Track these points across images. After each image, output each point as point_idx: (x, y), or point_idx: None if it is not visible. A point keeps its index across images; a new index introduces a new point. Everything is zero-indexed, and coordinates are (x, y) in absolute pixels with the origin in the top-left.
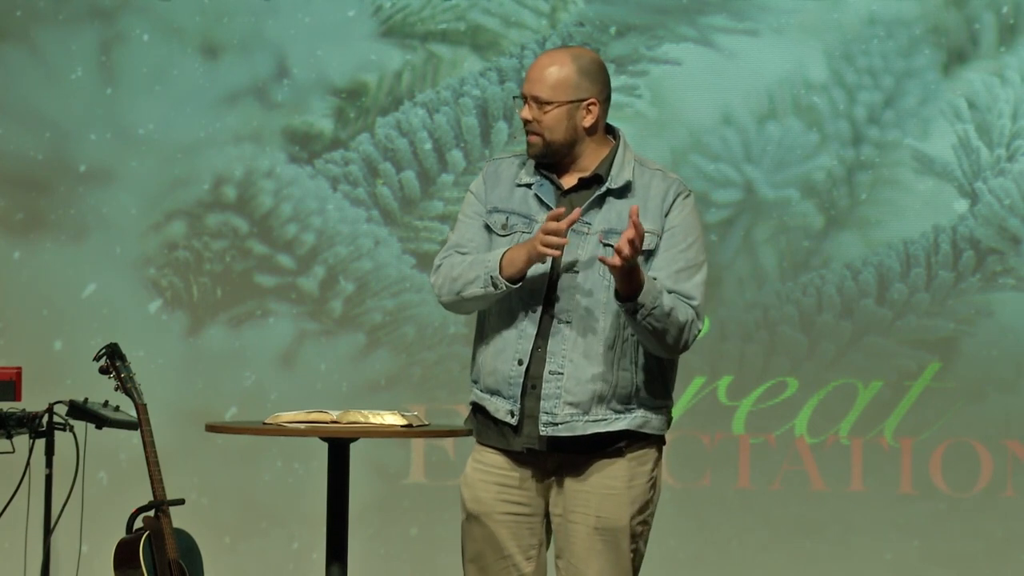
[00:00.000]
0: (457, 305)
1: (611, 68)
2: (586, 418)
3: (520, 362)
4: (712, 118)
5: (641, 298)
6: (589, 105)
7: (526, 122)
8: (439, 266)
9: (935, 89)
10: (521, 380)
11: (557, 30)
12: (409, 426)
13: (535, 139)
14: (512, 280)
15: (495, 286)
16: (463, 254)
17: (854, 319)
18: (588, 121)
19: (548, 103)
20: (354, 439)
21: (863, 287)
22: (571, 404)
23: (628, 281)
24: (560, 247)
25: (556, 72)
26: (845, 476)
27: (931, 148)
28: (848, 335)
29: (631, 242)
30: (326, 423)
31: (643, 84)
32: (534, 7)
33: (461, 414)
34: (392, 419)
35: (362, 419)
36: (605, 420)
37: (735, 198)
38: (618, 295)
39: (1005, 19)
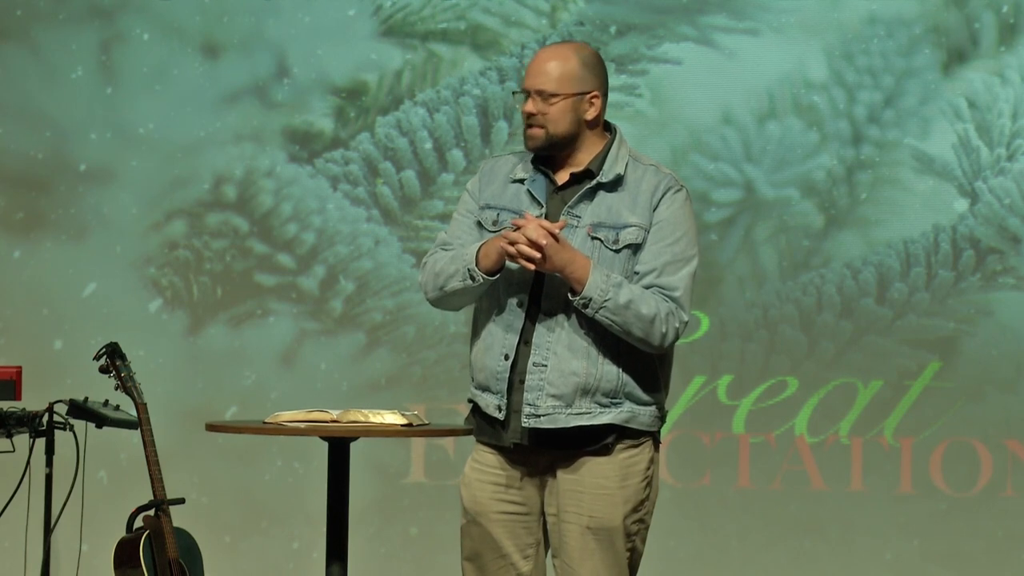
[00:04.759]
0: (442, 300)
1: (611, 68)
2: (569, 411)
3: (506, 357)
4: (712, 117)
5: (586, 292)
6: (592, 98)
7: (529, 115)
8: (425, 263)
9: (935, 89)
10: (507, 375)
11: (557, 30)
12: (409, 425)
13: (538, 131)
14: (489, 272)
15: (472, 279)
16: (448, 251)
17: (854, 319)
18: (591, 114)
19: (554, 95)
20: (354, 438)
21: (863, 287)
22: (554, 396)
23: (565, 279)
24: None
25: (561, 65)
26: (845, 476)
27: (931, 148)
28: (848, 335)
29: (535, 245)
30: (326, 422)
31: (643, 84)
32: (534, 6)
33: (461, 413)
34: (392, 418)
35: (362, 418)
36: (589, 413)
37: (735, 197)
38: (571, 291)
39: (1005, 19)
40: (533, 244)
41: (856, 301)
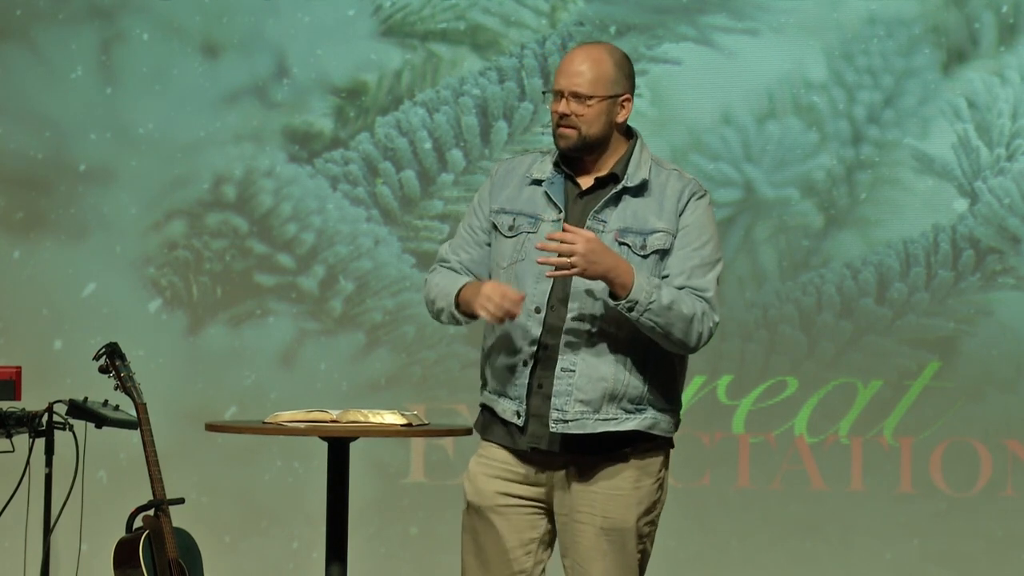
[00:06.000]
0: (442, 322)
1: None
2: (596, 416)
3: (525, 363)
4: (712, 117)
5: (633, 295)
6: (623, 101)
7: (562, 116)
8: (426, 280)
9: (935, 89)
10: (527, 381)
11: (557, 29)
12: (409, 425)
13: (571, 132)
14: (472, 316)
15: (457, 321)
16: (447, 267)
17: (854, 318)
18: (622, 117)
19: (591, 97)
20: (354, 438)
21: (863, 286)
22: (582, 402)
23: (609, 283)
24: (500, 316)
25: (596, 67)
26: (845, 475)
27: (931, 148)
28: (848, 334)
29: (566, 257)
30: (326, 422)
31: (643, 84)
32: (534, 6)
33: (461, 413)
34: (392, 418)
35: (362, 418)
36: (615, 419)
37: (735, 197)
38: (613, 296)
39: (1005, 19)
40: (567, 252)
41: (856, 301)
